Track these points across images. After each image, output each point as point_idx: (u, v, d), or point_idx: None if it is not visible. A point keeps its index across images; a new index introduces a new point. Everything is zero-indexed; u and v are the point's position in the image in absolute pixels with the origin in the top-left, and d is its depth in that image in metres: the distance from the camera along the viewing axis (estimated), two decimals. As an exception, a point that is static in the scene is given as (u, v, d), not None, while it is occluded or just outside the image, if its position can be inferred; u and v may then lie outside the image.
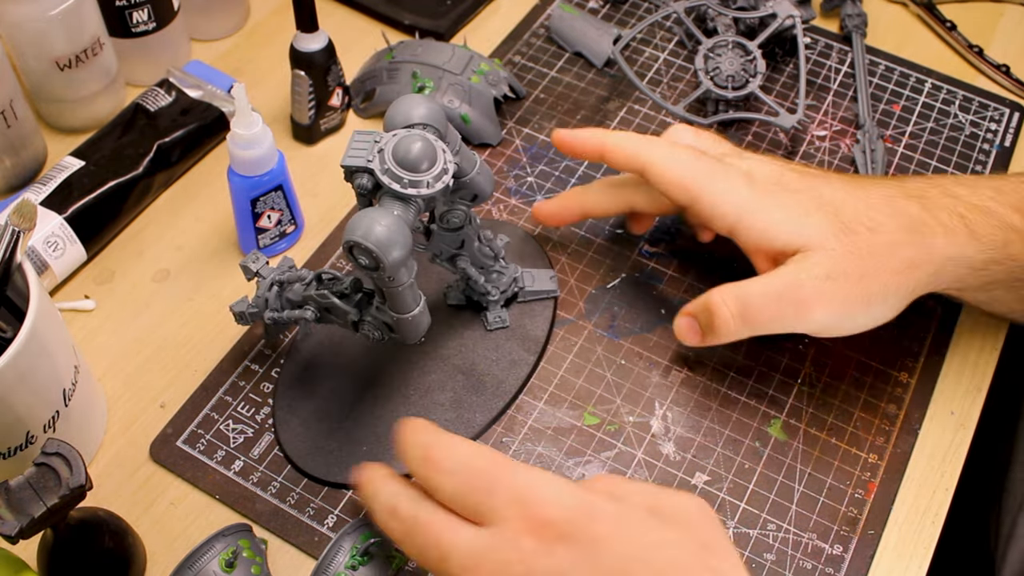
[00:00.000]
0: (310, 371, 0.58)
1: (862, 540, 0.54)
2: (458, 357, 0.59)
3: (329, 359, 0.59)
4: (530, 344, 0.60)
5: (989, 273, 0.55)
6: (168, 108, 0.68)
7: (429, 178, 0.47)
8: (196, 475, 0.55)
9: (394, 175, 0.47)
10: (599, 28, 0.77)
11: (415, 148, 0.47)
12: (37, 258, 0.60)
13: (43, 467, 0.43)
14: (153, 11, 0.70)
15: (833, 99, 0.75)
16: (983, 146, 0.73)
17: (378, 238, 0.45)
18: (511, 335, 0.60)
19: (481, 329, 0.60)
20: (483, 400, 0.57)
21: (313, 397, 0.57)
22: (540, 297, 0.62)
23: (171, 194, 0.68)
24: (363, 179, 0.48)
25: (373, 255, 0.45)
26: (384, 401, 0.57)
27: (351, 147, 0.48)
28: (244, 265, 0.55)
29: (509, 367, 0.59)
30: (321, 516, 0.53)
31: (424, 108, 0.49)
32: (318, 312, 0.54)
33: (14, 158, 0.66)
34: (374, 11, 0.79)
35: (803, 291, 0.52)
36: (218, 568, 0.47)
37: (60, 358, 0.50)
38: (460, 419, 0.56)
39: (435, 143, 0.48)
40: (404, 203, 0.47)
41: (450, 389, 0.57)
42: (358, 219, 0.45)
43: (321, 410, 0.56)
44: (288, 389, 0.57)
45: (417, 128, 0.49)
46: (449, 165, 0.48)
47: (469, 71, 0.70)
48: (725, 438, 0.57)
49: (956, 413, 0.59)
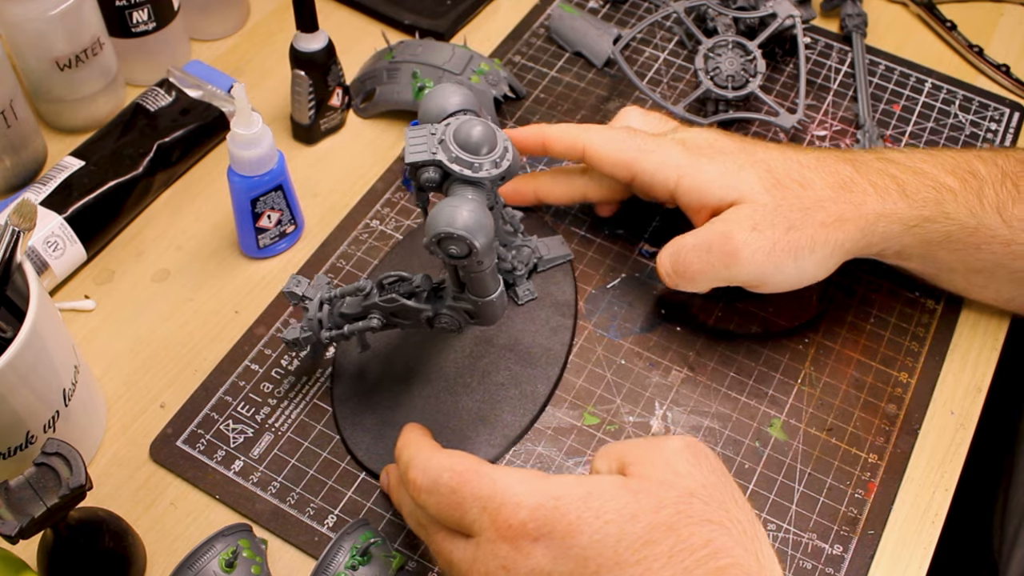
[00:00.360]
0: (363, 383, 0.58)
1: (862, 540, 0.54)
2: (501, 336, 0.59)
3: (377, 367, 0.58)
4: (564, 308, 0.61)
5: (924, 231, 0.56)
6: (168, 108, 0.68)
7: (495, 158, 0.48)
8: (196, 475, 0.55)
9: (463, 161, 0.47)
10: (599, 28, 0.77)
11: (476, 132, 0.47)
12: (37, 258, 0.60)
13: (43, 467, 0.43)
14: (153, 11, 0.70)
15: (833, 99, 0.75)
16: (983, 146, 0.73)
17: (466, 224, 0.45)
18: (543, 304, 0.61)
19: (513, 305, 0.61)
20: (539, 371, 0.58)
21: (376, 408, 0.57)
22: (556, 264, 0.63)
23: (171, 194, 0.68)
24: (430, 172, 0.48)
25: (465, 242, 0.45)
26: (447, 394, 0.57)
27: (409, 143, 0.48)
28: (288, 291, 0.55)
29: (552, 334, 0.59)
30: (321, 516, 0.53)
31: (458, 96, 0.50)
32: (384, 319, 0.53)
33: (14, 158, 0.66)
34: (374, 11, 0.79)
35: (731, 242, 0.54)
36: (218, 568, 0.47)
37: (60, 358, 0.50)
38: (523, 394, 0.57)
39: (491, 124, 0.48)
40: (476, 187, 0.48)
41: (504, 368, 0.58)
42: (439, 211, 0.45)
43: (387, 419, 0.56)
44: (348, 406, 0.57)
45: (459, 115, 0.49)
46: (507, 143, 0.48)
47: (469, 71, 0.70)
48: (725, 438, 0.57)
49: (956, 413, 0.59)
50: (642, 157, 0.58)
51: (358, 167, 0.70)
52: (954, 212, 0.55)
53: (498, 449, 0.55)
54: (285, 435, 0.56)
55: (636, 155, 0.58)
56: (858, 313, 0.63)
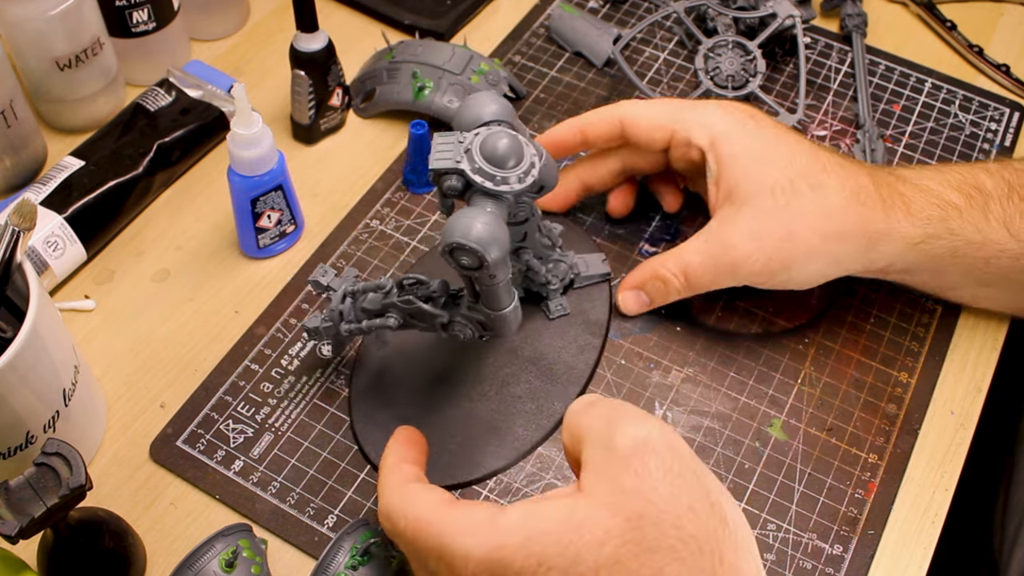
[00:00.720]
0: (383, 380, 0.58)
1: (862, 540, 0.54)
2: (526, 348, 0.59)
3: (399, 365, 0.58)
4: (594, 328, 0.60)
5: (930, 248, 0.56)
6: (168, 108, 0.68)
7: (519, 173, 0.48)
8: (196, 475, 0.55)
9: (486, 173, 0.47)
10: (599, 28, 0.77)
11: (502, 145, 0.47)
12: (37, 258, 0.60)
13: (43, 467, 0.43)
14: (153, 11, 0.70)
15: (833, 99, 0.75)
16: (983, 146, 0.73)
17: (480, 236, 0.45)
18: (573, 321, 0.60)
19: (543, 319, 0.60)
20: (559, 388, 0.58)
21: (392, 406, 0.57)
22: (594, 281, 0.62)
23: (171, 194, 0.68)
24: (452, 180, 0.47)
25: (477, 254, 0.45)
26: (464, 400, 0.57)
27: (436, 150, 0.48)
28: (314, 280, 0.55)
29: (578, 352, 0.59)
30: (321, 516, 0.53)
31: (496, 105, 0.49)
32: (401, 319, 0.53)
33: (14, 158, 0.66)
34: (374, 11, 0.79)
35: (732, 254, 0.56)
36: (218, 568, 0.47)
37: (60, 358, 0.50)
38: (540, 410, 0.57)
39: (519, 138, 0.48)
40: (496, 200, 0.47)
41: (525, 381, 0.58)
42: (455, 220, 0.45)
43: (402, 417, 0.56)
44: (364, 401, 0.57)
45: (493, 125, 0.49)
46: (535, 159, 0.48)
47: (469, 71, 0.70)
48: (725, 438, 0.57)
49: (956, 413, 0.59)
50: (679, 114, 0.58)
51: (358, 167, 0.70)
52: (959, 228, 0.55)
53: (505, 461, 0.55)
54: (285, 435, 0.56)
55: (673, 116, 0.58)
56: (858, 313, 0.63)
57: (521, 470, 0.55)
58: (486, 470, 0.55)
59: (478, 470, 0.55)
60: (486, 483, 0.55)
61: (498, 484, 0.55)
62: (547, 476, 0.55)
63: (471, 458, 0.55)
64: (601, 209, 0.67)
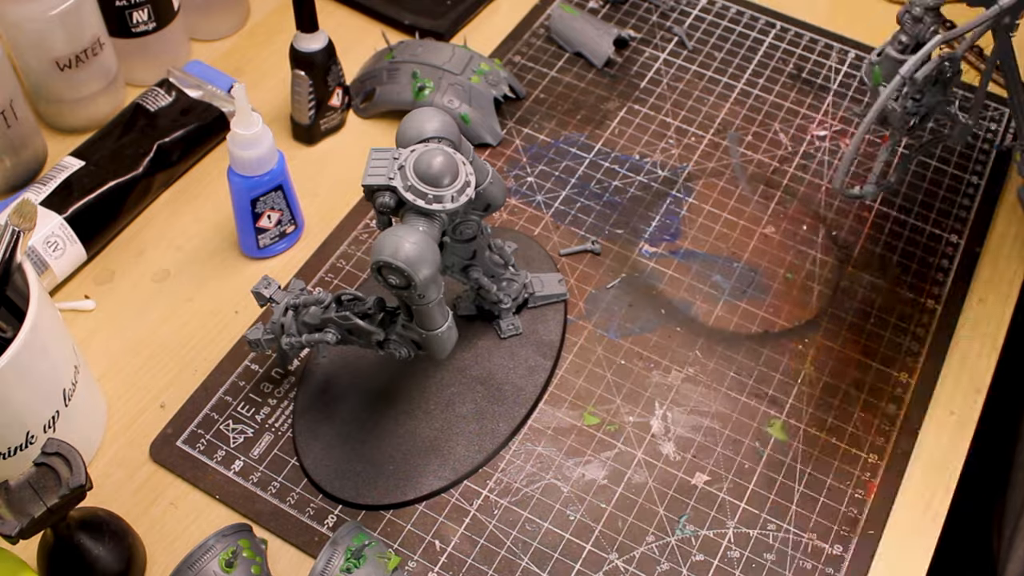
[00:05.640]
0: (327, 393, 0.57)
1: (862, 540, 0.54)
2: (475, 368, 0.58)
3: (345, 380, 0.58)
4: (545, 349, 0.59)
5: None
6: (168, 108, 0.68)
7: (453, 192, 0.47)
8: (196, 475, 0.55)
9: (418, 191, 0.46)
10: (599, 28, 0.77)
11: (436, 163, 0.46)
12: (37, 258, 0.60)
13: (43, 467, 0.43)
14: (153, 11, 0.70)
15: (833, 99, 0.75)
16: (983, 146, 0.73)
17: (408, 256, 0.44)
18: (525, 341, 0.60)
19: (494, 338, 0.60)
20: (504, 409, 0.57)
21: (333, 420, 0.56)
22: (550, 301, 0.61)
23: (171, 194, 0.68)
24: (385, 197, 0.47)
25: (404, 274, 0.45)
26: (406, 418, 0.56)
27: (370, 165, 0.47)
28: (256, 292, 0.54)
29: (527, 374, 0.58)
30: (321, 516, 0.53)
31: (437, 121, 0.49)
32: (339, 334, 0.53)
33: (14, 158, 0.66)
34: (374, 11, 0.79)
35: None
36: (218, 568, 0.47)
37: (60, 358, 0.50)
38: (484, 430, 0.56)
39: (454, 156, 0.47)
40: (429, 219, 0.47)
41: (471, 400, 0.57)
42: (384, 238, 0.45)
43: (343, 433, 0.56)
44: (307, 414, 0.57)
45: (432, 142, 0.48)
46: (470, 178, 0.48)
47: (469, 71, 0.70)
48: (725, 438, 0.57)
49: (956, 413, 0.59)
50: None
51: (358, 167, 0.70)
52: None
53: (444, 482, 0.54)
54: (285, 435, 0.56)
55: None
56: (858, 313, 0.63)
57: (521, 470, 0.55)
58: (423, 491, 0.54)
59: (414, 490, 0.54)
60: (486, 483, 0.55)
61: (498, 484, 0.55)
62: (547, 476, 0.55)
63: (409, 478, 0.54)
64: (601, 209, 0.67)
